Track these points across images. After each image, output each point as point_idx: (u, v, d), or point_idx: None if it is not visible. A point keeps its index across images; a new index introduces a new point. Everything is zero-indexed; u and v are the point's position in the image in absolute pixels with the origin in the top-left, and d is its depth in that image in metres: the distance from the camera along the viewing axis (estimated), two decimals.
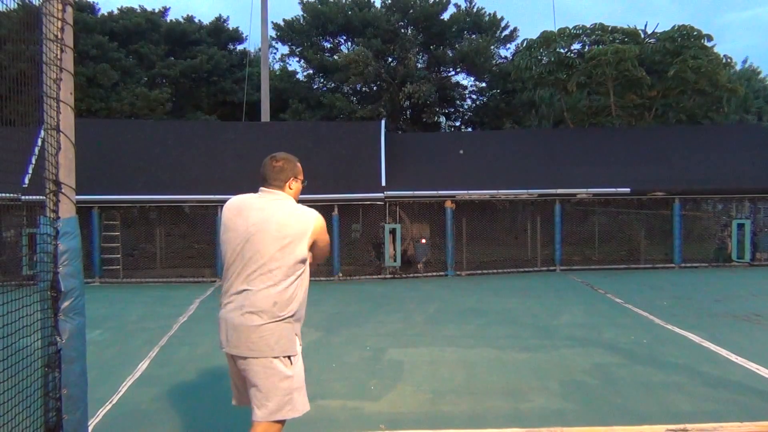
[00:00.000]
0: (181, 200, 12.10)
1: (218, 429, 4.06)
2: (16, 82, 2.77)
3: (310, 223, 2.73)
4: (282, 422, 2.75)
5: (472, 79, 25.39)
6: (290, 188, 2.82)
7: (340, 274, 12.15)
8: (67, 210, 2.83)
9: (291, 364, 2.68)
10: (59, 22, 2.78)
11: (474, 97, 26.09)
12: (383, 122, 14.30)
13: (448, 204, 12.42)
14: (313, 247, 2.79)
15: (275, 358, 2.64)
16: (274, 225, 2.66)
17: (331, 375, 5.20)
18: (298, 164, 2.88)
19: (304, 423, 3.98)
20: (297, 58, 25.83)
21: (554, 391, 4.71)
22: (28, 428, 2.73)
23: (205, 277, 11.94)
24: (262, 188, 2.82)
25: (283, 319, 2.65)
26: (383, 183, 12.24)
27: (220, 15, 26.53)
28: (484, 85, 25.43)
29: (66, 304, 2.77)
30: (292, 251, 2.66)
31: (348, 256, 12.64)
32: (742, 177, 12.93)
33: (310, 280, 3.00)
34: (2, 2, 2.63)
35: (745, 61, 27.49)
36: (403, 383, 4.95)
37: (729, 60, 17.05)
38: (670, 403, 4.38)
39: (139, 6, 25.11)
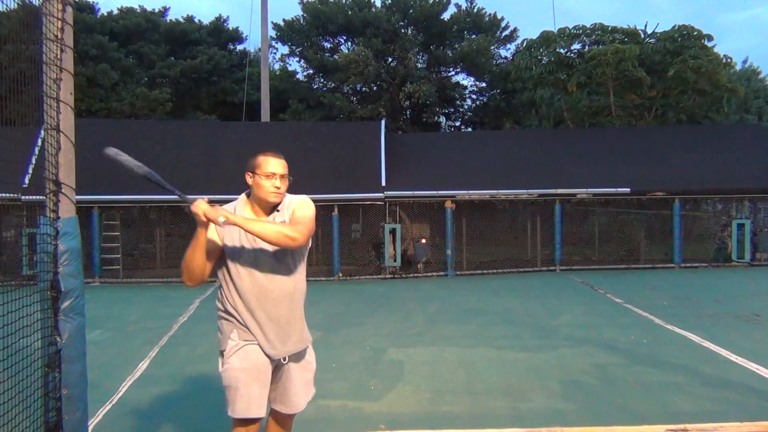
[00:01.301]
0: (180, 200, 12.07)
1: (218, 429, 4.06)
2: (16, 82, 2.77)
3: None
4: (237, 422, 2.63)
5: (472, 79, 25.41)
6: (248, 183, 2.69)
7: (340, 274, 12.15)
8: (67, 210, 2.83)
9: (222, 360, 2.67)
10: (59, 22, 2.78)
11: (474, 97, 26.11)
12: (383, 122, 14.31)
13: (448, 204, 12.42)
14: None
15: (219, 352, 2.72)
16: None
17: (331, 375, 5.20)
18: (259, 157, 2.65)
19: (304, 423, 3.99)
20: (297, 58, 25.86)
21: (554, 391, 4.71)
22: (28, 428, 2.73)
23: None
24: None
25: (219, 314, 2.70)
26: (383, 183, 12.25)
27: (220, 15, 26.58)
28: (484, 85, 25.44)
29: (66, 304, 2.77)
30: None
31: (348, 256, 12.64)
32: (742, 177, 12.93)
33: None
34: (2, 2, 2.63)
35: (745, 61, 27.55)
36: (403, 383, 4.95)
37: (729, 60, 17.07)
38: (670, 403, 4.38)
39: (139, 6, 25.15)
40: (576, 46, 18.04)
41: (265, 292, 2.61)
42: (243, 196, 2.74)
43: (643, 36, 17.62)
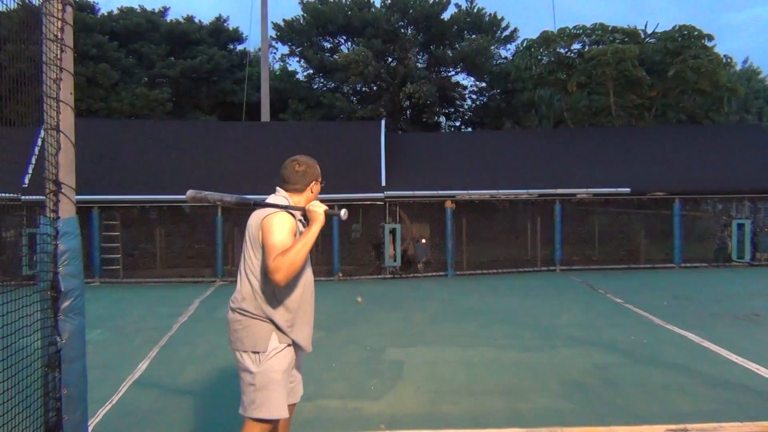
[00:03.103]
0: (181, 200, 12.08)
1: (218, 429, 4.06)
2: (16, 82, 2.77)
3: (260, 221, 2.68)
4: (262, 422, 2.67)
5: (472, 79, 25.41)
6: (312, 191, 2.90)
7: (340, 274, 12.15)
8: (67, 210, 2.83)
9: (258, 361, 2.67)
10: (59, 22, 2.78)
11: (474, 97, 26.10)
12: (383, 122, 14.30)
13: (448, 204, 12.42)
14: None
15: (244, 352, 2.71)
16: (252, 223, 2.74)
17: (331, 375, 5.20)
18: (318, 167, 2.94)
19: (304, 423, 3.99)
20: (297, 58, 25.86)
21: (554, 391, 4.70)
22: (28, 428, 2.73)
23: (205, 277, 11.94)
24: (278, 188, 2.87)
25: (252, 315, 2.69)
26: (383, 183, 12.24)
27: (220, 15, 26.53)
28: (484, 85, 25.44)
29: (66, 304, 2.77)
30: (255, 248, 2.71)
31: (348, 256, 12.63)
32: (742, 177, 12.92)
33: None
34: (2, 2, 2.63)
35: (745, 61, 27.55)
36: (403, 383, 4.95)
37: (729, 60, 17.06)
38: (670, 403, 4.38)
39: (139, 6, 25.13)
40: (576, 46, 18.03)
41: (310, 286, 2.83)
42: (285, 192, 2.84)
43: (643, 36, 17.61)
